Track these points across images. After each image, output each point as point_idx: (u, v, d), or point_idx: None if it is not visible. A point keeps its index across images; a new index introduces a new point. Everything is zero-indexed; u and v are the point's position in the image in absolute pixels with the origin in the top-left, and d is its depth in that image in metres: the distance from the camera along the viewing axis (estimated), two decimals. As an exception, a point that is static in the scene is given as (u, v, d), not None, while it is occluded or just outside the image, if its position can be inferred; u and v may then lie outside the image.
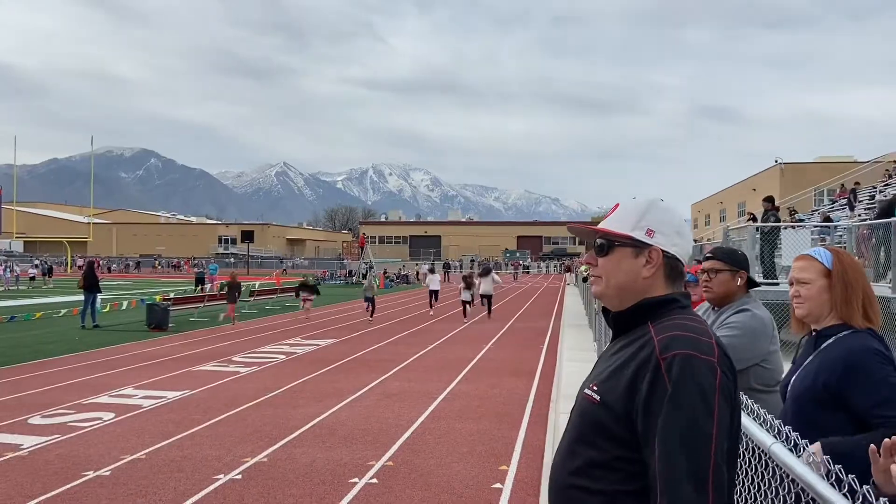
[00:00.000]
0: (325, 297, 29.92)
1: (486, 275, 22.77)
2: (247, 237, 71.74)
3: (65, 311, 22.14)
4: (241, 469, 6.11)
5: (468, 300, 21.96)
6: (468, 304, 21.94)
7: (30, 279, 43.86)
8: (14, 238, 73.23)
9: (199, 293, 29.31)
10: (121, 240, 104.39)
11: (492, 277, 22.77)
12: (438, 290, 24.49)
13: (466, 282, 22.49)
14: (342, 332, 17.75)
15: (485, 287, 22.54)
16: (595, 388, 1.56)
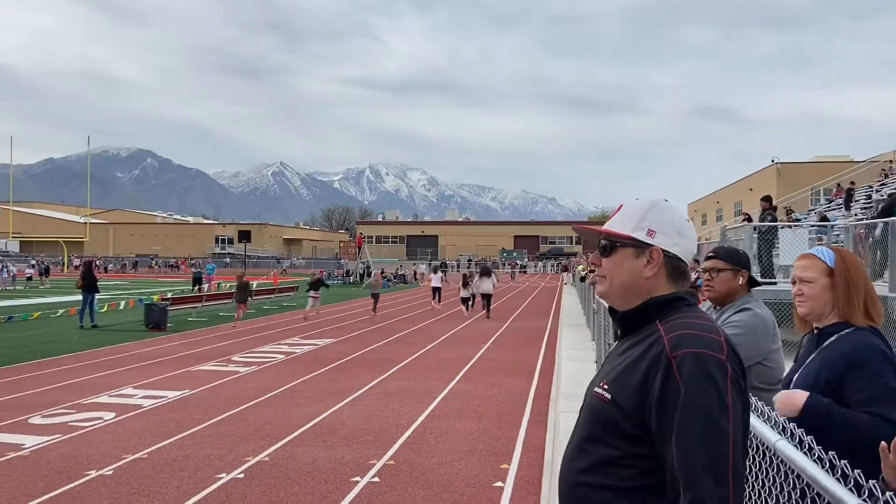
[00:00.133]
0: (323, 298, 29.90)
1: (486, 275, 23.53)
2: (244, 237, 71.60)
3: (62, 312, 22.12)
4: (243, 468, 6.13)
5: (467, 298, 22.80)
6: (468, 302, 22.76)
7: (27, 279, 43.76)
8: (10, 238, 73.06)
9: (197, 293, 29.30)
10: (117, 240, 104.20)
11: (492, 277, 23.58)
12: (440, 288, 25.61)
13: (465, 280, 23.36)
14: (341, 332, 17.76)
15: (484, 286, 23.25)
16: (605, 387, 1.58)
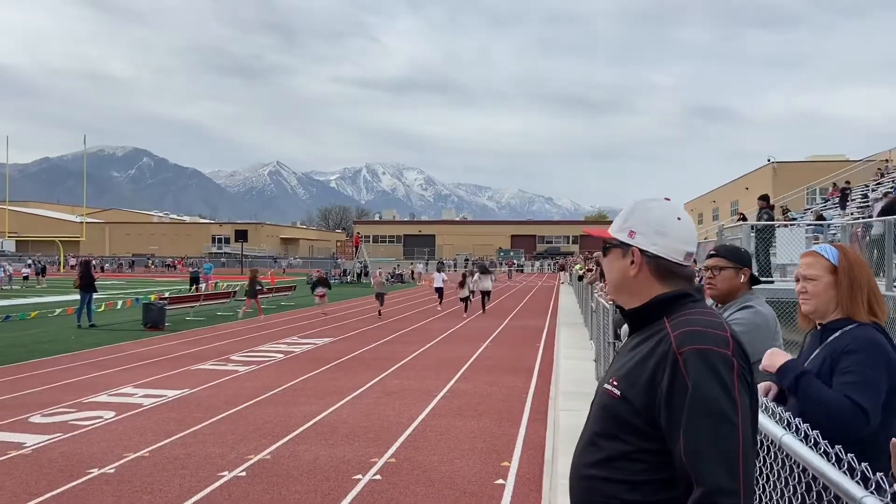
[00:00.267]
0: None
1: (485, 273, 24.49)
2: (240, 236, 71.61)
3: (59, 311, 22.09)
4: (245, 466, 6.14)
5: (466, 296, 23.40)
6: (465, 300, 23.40)
7: (23, 279, 43.67)
8: (6, 237, 72.86)
9: (195, 293, 29.27)
10: (113, 239, 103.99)
11: (490, 276, 24.53)
12: (443, 287, 26.20)
13: (463, 280, 23.93)
14: (339, 331, 17.77)
15: (483, 284, 24.16)
16: (615, 383, 1.62)
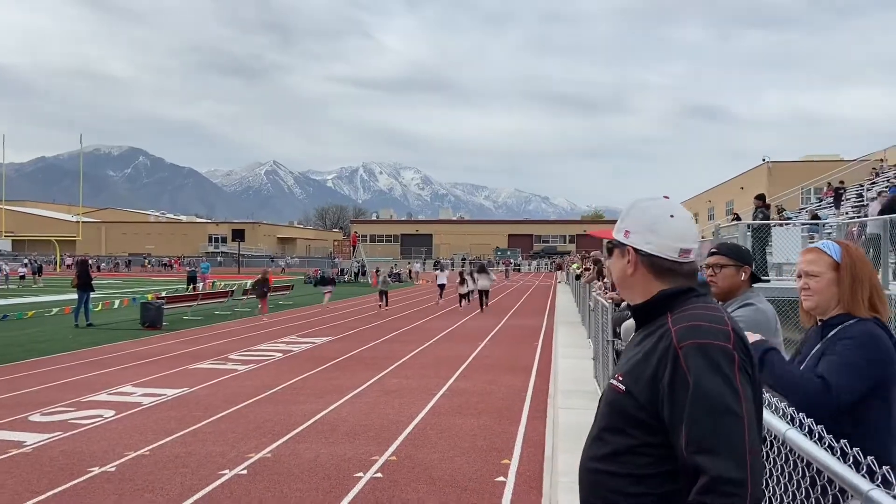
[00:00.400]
0: (319, 296, 29.88)
1: (483, 272, 24.89)
2: (237, 236, 71.59)
3: (56, 311, 22.04)
4: (246, 464, 6.15)
5: (464, 294, 24.27)
6: (464, 298, 24.24)
7: (20, 278, 43.58)
8: (2, 237, 72.67)
9: (192, 292, 29.24)
10: (110, 239, 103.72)
11: (489, 274, 25.01)
12: (445, 284, 26.98)
13: (462, 278, 24.56)
14: (337, 330, 17.78)
15: (482, 283, 24.55)
16: (620, 379, 1.65)
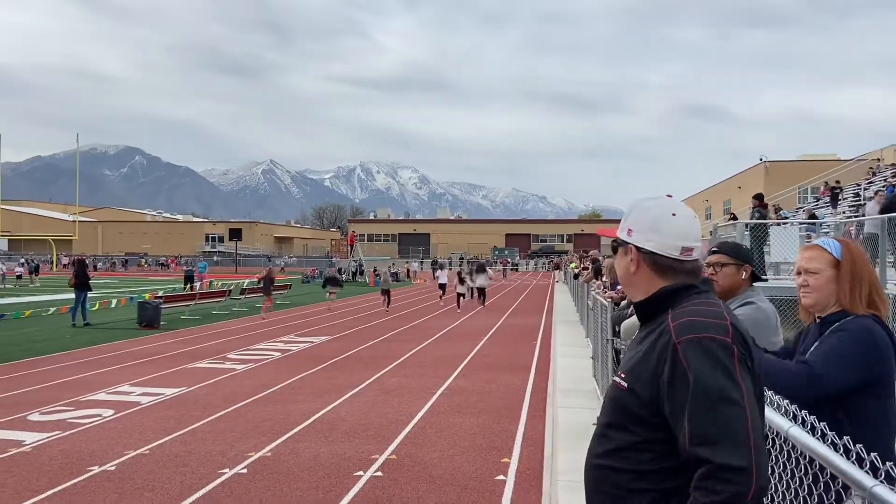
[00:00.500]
0: (317, 296, 29.90)
1: (482, 271, 25.36)
2: (235, 235, 71.52)
3: (54, 310, 22.01)
4: (246, 463, 6.15)
5: (462, 293, 24.62)
6: (462, 296, 24.58)
7: (16, 277, 43.47)
8: (-2, 236, 72.50)
9: (189, 291, 29.20)
10: (106, 238, 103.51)
11: (487, 274, 25.49)
12: (446, 284, 27.28)
13: (460, 277, 24.76)
14: (336, 329, 17.78)
15: (480, 281, 25.08)
16: (623, 376, 1.67)
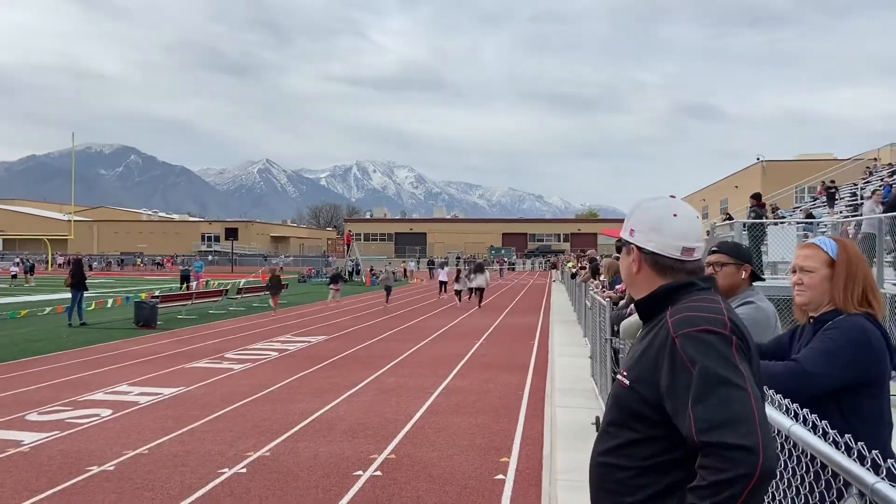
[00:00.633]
0: (316, 295, 29.90)
1: (479, 271, 25.41)
2: (231, 234, 71.50)
3: (49, 310, 21.98)
4: (245, 463, 6.15)
5: (460, 290, 25.17)
6: (460, 294, 25.13)
7: (11, 277, 43.35)
8: (-7, 236, 72.26)
9: (186, 291, 29.17)
10: (102, 238, 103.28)
11: (485, 274, 25.56)
12: (447, 282, 27.83)
13: (458, 276, 25.35)
14: (333, 329, 17.78)
15: (477, 281, 25.13)
16: (625, 374, 1.70)
